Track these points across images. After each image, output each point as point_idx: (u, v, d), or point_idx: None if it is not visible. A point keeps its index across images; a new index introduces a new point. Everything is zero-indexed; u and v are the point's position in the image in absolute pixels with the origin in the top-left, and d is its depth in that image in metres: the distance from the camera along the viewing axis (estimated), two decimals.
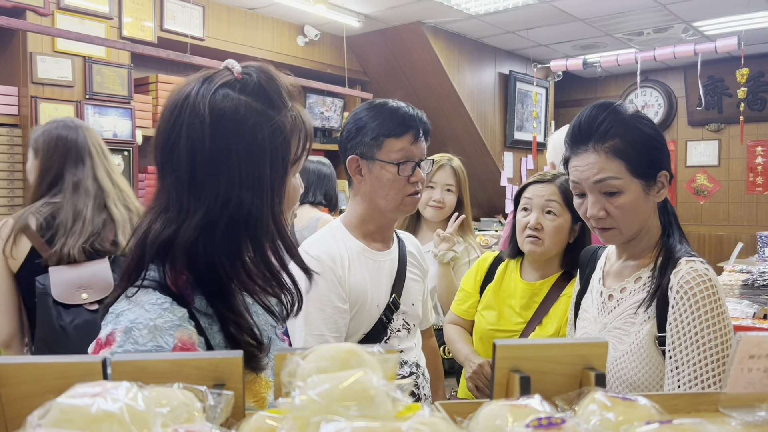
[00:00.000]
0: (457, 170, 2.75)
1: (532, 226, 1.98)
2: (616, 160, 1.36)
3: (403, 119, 1.66)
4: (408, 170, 1.65)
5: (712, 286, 1.28)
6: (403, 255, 1.81)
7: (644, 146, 1.38)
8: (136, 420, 0.55)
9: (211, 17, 4.66)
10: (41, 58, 3.66)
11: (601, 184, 1.37)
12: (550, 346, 0.81)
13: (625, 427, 0.61)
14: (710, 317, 1.26)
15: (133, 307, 0.94)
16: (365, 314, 1.69)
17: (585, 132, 1.40)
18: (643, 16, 5.34)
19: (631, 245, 1.47)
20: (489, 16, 5.35)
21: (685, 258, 1.35)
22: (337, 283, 1.64)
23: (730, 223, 7.25)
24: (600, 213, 1.39)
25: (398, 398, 0.60)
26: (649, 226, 1.43)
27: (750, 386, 0.77)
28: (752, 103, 6.84)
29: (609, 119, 1.38)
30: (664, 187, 1.41)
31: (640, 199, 1.38)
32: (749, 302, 3.45)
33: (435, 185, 2.69)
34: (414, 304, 1.81)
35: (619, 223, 1.40)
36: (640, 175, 1.37)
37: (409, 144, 1.65)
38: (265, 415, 0.61)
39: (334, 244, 1.70)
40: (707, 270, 1.31)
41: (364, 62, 5.97)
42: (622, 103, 1.46)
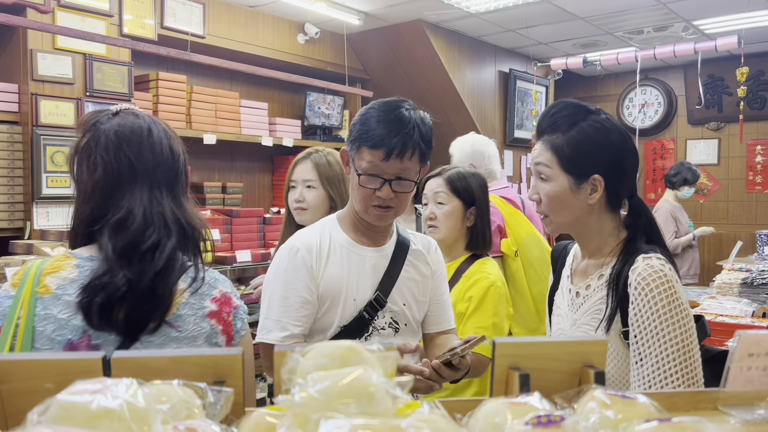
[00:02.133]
0: (319, 164, 2.40)
1: (427, 216, 2.31)
2: (551, 152, 1.47)
3: (382, 134, 1.56)
4: (370, 183, 1.60)
5: (668, 280, 1.33)
6: (400, 253, 1.76)
7: (579, 145, 1.44)
8: (136, 417, 0.55)
9: (211, 15, 4.66)
10: (41, 55, 3.66)
11: (537, 167, 1.49)
12: (550, 344, 0.81)
13: (625, 425, 0.61)
14: (668, 310, 1.31)
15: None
16: (339, 307, 1.68)
17: (540, 125, 1.51)
18: (644, 14, 5.34)
19: (584, 243, 1.54)
20: (489, 14, 5.35)
21: (642, 255, 1.39)
22: (306, 274, 1.66)
23: (730, 222, 7.26)
24: (534, 196, 1.51)
25: (398, 395, 0.60)
26: (596, 227, 1.49)
27: (749, 384, 0.77)
28: (752, 102, 6.84)
29: (561, 115, 1.47)
30: (596, 191, 1.45)
31: (566, 194, 1.45)
32: (748, 300, 3.46)
33: (296, 183, 2.42)
34: (406, 304, 1.75)
35: (548, 211, 1.49)
36: (569, 171, 1.45)
37: (379, 160, 1.57)
38: (265, 412, 0.61)
39: (317, 235, 1.72)
40: (663, 266, 1.36)
41: (364, 60, 5.96)
42: (597, 108, 1.51)
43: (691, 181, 5.44)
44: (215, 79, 5.11)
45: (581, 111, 1.48)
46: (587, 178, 1.45)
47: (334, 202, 2.37)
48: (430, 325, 1.85)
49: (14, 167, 3.63)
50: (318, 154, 2.41)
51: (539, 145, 1.51)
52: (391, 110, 1.60)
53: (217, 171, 5.16)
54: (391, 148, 1.55)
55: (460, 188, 2.29)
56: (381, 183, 1.58)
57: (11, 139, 3.63)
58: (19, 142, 3.65)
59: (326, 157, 2.41)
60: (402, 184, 1.60)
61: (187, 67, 4.80)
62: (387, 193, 1.59)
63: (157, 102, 4.36)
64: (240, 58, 4.52)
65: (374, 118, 1.59)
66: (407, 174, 1.60)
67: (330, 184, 2.38)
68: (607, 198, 1.47)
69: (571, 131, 1.45)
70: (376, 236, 1.74)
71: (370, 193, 1.61)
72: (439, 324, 1.85)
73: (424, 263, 1.80)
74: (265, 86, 5.46)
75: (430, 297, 1.82)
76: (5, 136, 3.60)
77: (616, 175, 1.46)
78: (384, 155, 1.56)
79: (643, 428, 0.58)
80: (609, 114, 1.51)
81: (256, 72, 4.13)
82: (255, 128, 4.96)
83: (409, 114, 1.59)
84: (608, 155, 1.45)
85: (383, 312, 1.71)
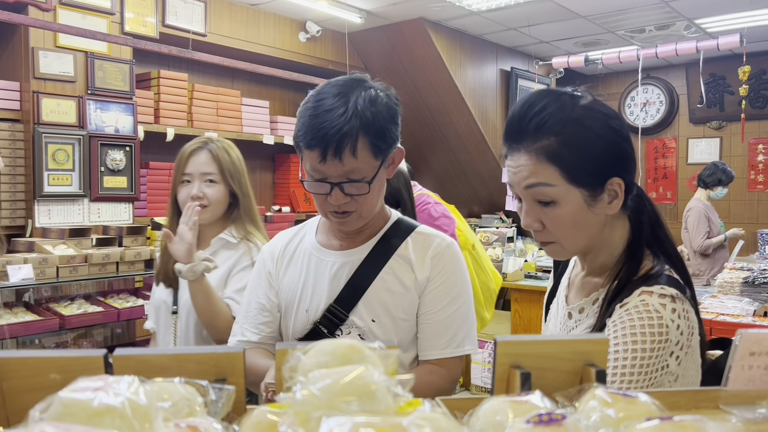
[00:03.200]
0: (219, 154, 2.02)
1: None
2: (549, 164, 1.11)
3: (314, 130, 1.29)
4: (317, 189, 1.35)
5: (661, 325, 1.06)
6: (377, 258, 1.44)
7: (586, 148, 1.12)
8: (138, 414, 0.55)
9: (213, 13, 4.66)
10: (43, 53, 3.66)
11: (532, 190, 1.14)
12: (551, 343, 0.81)
13: (626, 423, 0.61)
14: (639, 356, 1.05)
15: None
16: (292, 318, 1.49)
17: (516, 127, 1.15)
18: (646, 13, 5.33)
19: (589, 258, 1.25)
20: (491, 13, 5.34)
21: (642, 288, 1.11)
22: (267, 281, 1.54)
23: (731, 221, 7.24)
24: (535, 225, 1.18)
25: (399, 394, 0.60)
26: (607, 239, 1.20)
27: (750, 383, 0.77)
28: (754, 101, 6.83)
29: (546, 112, 1.12)
30: (617, 198, 1.15)
31: (581, 212, 1.14)
32: (750, 299, 3.46)
33: (191, 177, 2.00)
34: (376, 320, 1.42)
35: (558, 238, 1.18)
36: (580, 183, 1.12)
37: (317, 162, 1.31)
38: (267, 409, 0.61)
39: (289, 237, 1.58)
40: (663, 306, 1.08)
41: (365, 58, 5.96)
42: (577, 91, 1.19)
43: (725, 181, 5.39)
44: (217, 77, 5.11)
45: (566, 99, 1.15)
46: (604, 185, 1.13)
47: (236, 199, 2.04)
48: (419, 349, 1.46)
49: (16, 165, 3.63)
50: (215, 144, 2.04)
51: (521, 159, 1.14)
52: (326, 96, 1.32)
53: None
54: (324, 148, 1.28)
55: None
56: (329, 188, 1.33)
57: (13, 137, 3.63)
58: (20, 140, 3.65)
59: (225, 148, 2.05)
60: (355, 186, 1.33)
61: (188, 65, 4.80)
62: (338, 199, 1.34)
63: (159, 100, 4.36)
64: (241, 57, 4.52)
65: (309, 110, 1.33)
66: (356, 174, 1.32)
67: (232, 178, 2.02)
68: (625, 200, 1.17)
69: (567, 129, 1.11)
70: (350, 238, 1.47)
71: (323, 200, 1.37)
72: (421, 349, 1.45)
73: (410, 272, 1.44)
74: (266, 84, 5.46)
75: (420, 314, 1.44)
76: (7, 134, 3.60)
77: (631, 168, 1.16)
78: (320, 156, 1.29)
79: (645, 427, 0.58)
80: (590, 93, 1.21)
81: (258, 70, 4.13)
82: (256, 126, 4.96)
83: (346, 99, 1.30)
84: (617, 146, 1.14)
85: (347, 327, 1.43)
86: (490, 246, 4.74)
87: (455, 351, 1.43)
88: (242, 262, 1.99)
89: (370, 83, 1.38)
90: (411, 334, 1.45)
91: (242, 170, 2.07)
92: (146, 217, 4.24)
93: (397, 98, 1.40)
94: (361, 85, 1.35)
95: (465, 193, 6.73)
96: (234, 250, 2.01)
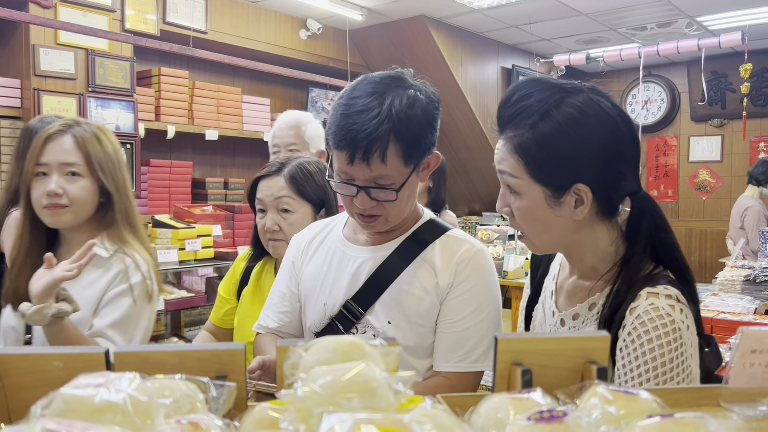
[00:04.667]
0: (86, 140, 1.58)
1: (269, 228, 1.75)
2: (517, 155, 1.11)
3: (344, 131, 1.23)
4: (344, 190, 1.30)
5: (675, 330, 1.03)
6: (402, 257, 1.37)
7: (555, 148, 1.08)
8: (139, 411, 0.55)
9: (213, 10, 4.65)
10: (44, 51, 3.66)
11: (502, 176, 1.15)
12: (552, 340, 0.81)
13: (627, 420, 0.61)
14: (667, 370, 1.03)
15: None
16: (310, 310, 1.45)
17: (500, 113, 1.14)
18: (647, 10, 5.32)
19: (575, 261, 1.22)
20: (492, 10, 5.33)
21: (647, 289, 1.07)
22: (290, 270, 1.51)
23: None
24: (504, 209, 1.18)
25: (400, 390, 0.60)
26: (588, 242, 1.17)
27: (752, 381, 0.77)
28: (755, 99, 6.82)
29: (524, 103, 1.10)
30: (581, 204, 1.10)
31: (541, 209, 1.11)
32: (751, 298, 3.45)
33: (48, 169, 1.56)
34: (392, 322, 1.34)
35: (524, 230, 1.17)
36: (542, 181, 1.10)
37: (345, 164, 1.25)
38: (268, 406, 0.61)
39: (314, 230, 1.53)
40: (672, 308, 1.05)
41: (366, 56, 5.96)
42: (579, 85, 1.14)
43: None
44: (217, 74, 5.11)
45: (554, 93, 1.10)
46: (568, 189, 1.10)
47: (108, 197, 1.61)
48: (433, 359, 1.36)
49: None
50: (82, 127, 1.60)
51: (500, 144, 1.15)
52: (360, 95, 1.25)
53: (219, 167, 5.16)
54: (352, 151, 1.22)
55: (308, 189, 1.78)
56: (355, 191, 1.27)
57: (13, 134, 3.63)
58: None
59: (95, 132, 1.61)
60: (382, 192, 1.27)
61: (189, 63, 4.79)
62: (363, 203, 1.28)
63: (159, 97, 4.36)
64: (242, 54, 4.52)
65: (341, 107, 1.26)
66: (384, 180, 1.25)
67: (104, 171, 1.59)
68: (600, 207, 1.13)
69: (541, 125, 1.08)
70: (377, 234, 1.41)
71: (349, 201, 1.31)
72: (435, 359, 1.35)
73: (433, 276, 1.35)
74: (267, 82, 5.46)
75: (439, 322, 1.34)
76: (7, 131, 3.60)
77: (608, 179, 1.11)
78: (347, 158, 1.24)
79: (646, 424, 0.58)
80: (597, 89, 1.14)
81: (258, 68, 4.13)
82: (257, 124, 4.96)
83: (381, 100, 1.22)
84: (596, 156, 1.09)
85: (362, 326, 1.37)
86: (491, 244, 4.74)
87: (470, 366, 1.32)
88: (117, 284, 1.56)
89: (410, 82, 1.29)
90: (428, 341, 1.36)
91: (118, 162, 1.63)
92: (147, 215, 4.24)
93: (438, 100, 1.32)
94: (400, 84, 1.26)
95: (466, 191, 6.73)
96: (105, 268, 1.57)
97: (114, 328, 1.52)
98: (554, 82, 1.13)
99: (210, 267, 4.20)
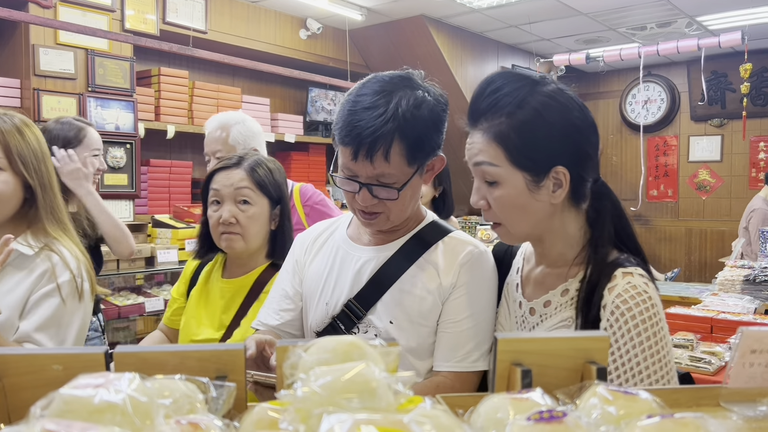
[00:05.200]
0: (6, 132, 1.51)
1: (225, 220, 1.71)
2: (496, 144, 1.15)
3: (349, 127, 1.25)
4: (346, 186, 1.31)
5: (653, 305, 1.10)
6: (405, 256, 1.38)
7: (533, 133, 1.13)
8: (139, 411, 0.55)
9: (213, 10, 4.65)
10: (44, 51, 3.66)
11: (479, 168, 1.18)
12: (552, 340, 0.81)
13: (627, 420, 0.61)
14: (653, 344, 1.08)
15: None
16: (312, 309, 1.45)
17: (474, 106, 1.19)
18: (647, 10, 5.32)
19: (545, 249, 1.25)
20: (492, 10, 5.34)
21: (621, 270, 1.13)
22: (293, 269, 1.51)
23: (732, 219, 7.24)
24: (480, 202, 1.20)
25: (400, 391, 0.60)
26: (559, 229, 1.22)
27: (751, 381, 0.77)
28: (755, 99, 6.82)
29: (501, 92, 1.15)
30: (561, 187, 1.16)
31: (522, 195, 1.16)
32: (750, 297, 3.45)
33: None
34: (394, 322, 1.34)
35: (502, 219, 1.20)
36: (523, 167, 1.14)
37: (349, 159, 1.27)
38: (268, 407, 0.61)
39: (319, 229, 1.54)
40: (647, 285, 1.12)
41: (366, 56, 5.96)
42: (545, 78, 1.20)
43: None
44: (217, 74, 5.11)
45: (526, 83, 1.16)
46: (547, 172, 1.15)
47: (32, 194, 1.54)
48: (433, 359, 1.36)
49: None
50: (1, 119, 1.52)
51: (476, 137, 1.18)
52: (368, 92, 1.27)
53: None
54: (357, 147, 1.24)
55: (268, 183, 1.77)
56: (358, 187, 1.29)
57: None
58: None
59: (17, 125, 1.53)
60: (384, 190, 1.28)
61: (188, 63, 4.79)
62: (365, 200, 1.29)
63: (159, 97, 4.36)
64: (242, 54, 4.52)
65: (349, 103, 1.28)
66: (387, 178, 1.27)
67: (26, 165, 1.51)
68: (572, 192, 1.18)
69: (519, 112, 1.13)
70: (380, 234, 1.42)
71: (351, 197, 1.33)
72: (435, 359, 1.35)
73: (436, 276, 1.36)
74: (266, 82, 5.46)
75: (441, 322, 1.34)
76: None
77: (582, 161, 1.17)
78: (351, 154, 1.25)
79: (645, 424, 0.58)
80: (558, 82, 1.21)
81: (258, 67, 4.13)
82: None
83: (389, 99, 1.24)
84: (570, 138, 1.16)
85: (364, 325, 1.37)
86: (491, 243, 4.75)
87: (471, 366, 1.31)
88: (43, 284, 1.47)
89: (419, 83, 1.30)
90: (430, 342, 1.35)
91: (42, 155, 1.56)
92: (147, 215, 4.24)
93: (446, 103, 1.33)
94: (408, 85, 1.28)
95: (466, 191, 6.71)
96: (29, 268, 1.48)
97: (42, 331, 1.44)
98: (523, 74, 1.19)
99: None
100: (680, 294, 3.93)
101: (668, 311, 3.23)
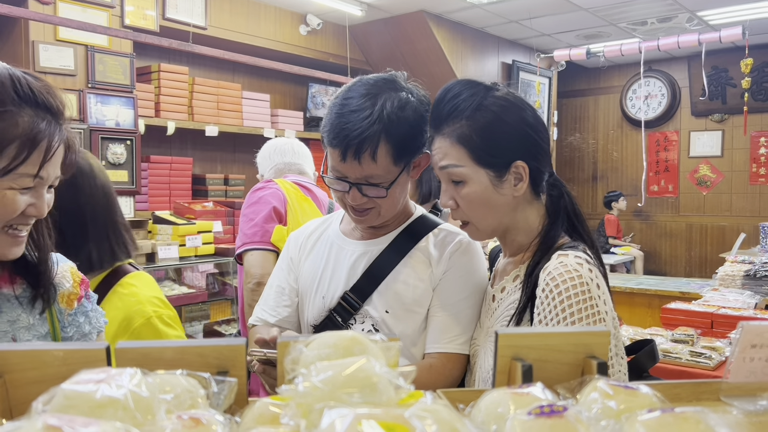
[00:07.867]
0: None
1: None
2: (460, 146, 1.24)
3: (336, 129, 1.31)
4: (336, 186, 1.36)
5: (582, 284, 1.13)
6: (398, 249, 1.43)
7: (493, 132, 1.23)
8: (140, 406, 0.55)
9: (213, 6, 4.65)
10: (43, 47, 3.65)
11: (445, 171, 1.26)
12: (552, 335, 0.81)
13: (627, 415, 0.61)
14: (577, 320, 1.12)
15: None
16: (309, 304, 1.49)
17: (435, 113, 1.28)
18: (648, 5, 5.31)
19: (508, 241, 1.34)
20: (492, 6, 5.32)
21: (559, 252, 1.20)
22: (287, 266, 1.55)
23: (733, 214, 7.24)
24: (449, 202, 1.29)
25: (401, 385, 0.60)
26: (522, 222, 1.30)
27: (752, 375, 0.77)
28: (756, 94, 6.81)
29: (460, 98, 1.26)
30: (522, 180, 1.25)
31: (488, 191, 1.24)
32: (751, 293, 3.46)
33: None
34: (390, 311, 1.39)
35: (470, 217, 1.28)
36: (486, 165, 1.23)
37: (337, 160, 1.32)
38: (269, 401, 0.62)
39: (312, 226, 1.59)
40: (580, 265, 1.15)
41: (366, 51, 5.95)
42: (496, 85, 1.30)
43: None
44: (217, 70, 5.10)
45: (481, 89, 1.27)
46: (508, 168, 1.24)
47: None
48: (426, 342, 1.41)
49: None
50: None
51: (439, 142, 1.27)
52: (354, 95, 1.33)
53: (219, 163, 5.16)
54: (345, 148, 1.29)
55: None
56: (347, 187, 1.34)
57: None
58: None
59: None
60: (373, 189, 1.34)
61: (189, 59, 4.79)
62: (355, 199, 1.35)
63: (159, 93, 4.36)
64: (242, 50, 4.51)
65: (336, 106, 1.34)
66: (375, 178, 1.32)
67: None
68: (532, 185, 1.28)
69: (478, 115, 1.23)
70: (372, 229, 1.47)
71: (341, 196, 1.38)
72: (426, 342, 1.40)
73: (428, 266, 1.42)
74: (267, 78, 5.45)
75: (432, 306, 1.41)
76: None
77: (538, 155, 1.27)
78: (340, 156, 1.31)
79: (646, 418, 0.58)
80: (508, 88, 1.31)
81: (258, 63, 4.13)
82: (257, 120, 4.96)
83: (374, 101, 1.30)
84: (526, 135, 1.26)
85: (361, 316, 1.42)
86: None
87: (459, 348, 1.36)
88: None
89: (402, 84, 1.36)
90: (424, 328, 1.41)
91: None
92: (147, 211, 4.24)
93: (429, 103, 1.38)
94: (393, 87, 1.34)
95: None
96: None
97: None
98: (476, 81, 1.29)
99: (210, 263, 4.20)
100: (681, 289, 3.93)
101: (669, 306, 3.23)
